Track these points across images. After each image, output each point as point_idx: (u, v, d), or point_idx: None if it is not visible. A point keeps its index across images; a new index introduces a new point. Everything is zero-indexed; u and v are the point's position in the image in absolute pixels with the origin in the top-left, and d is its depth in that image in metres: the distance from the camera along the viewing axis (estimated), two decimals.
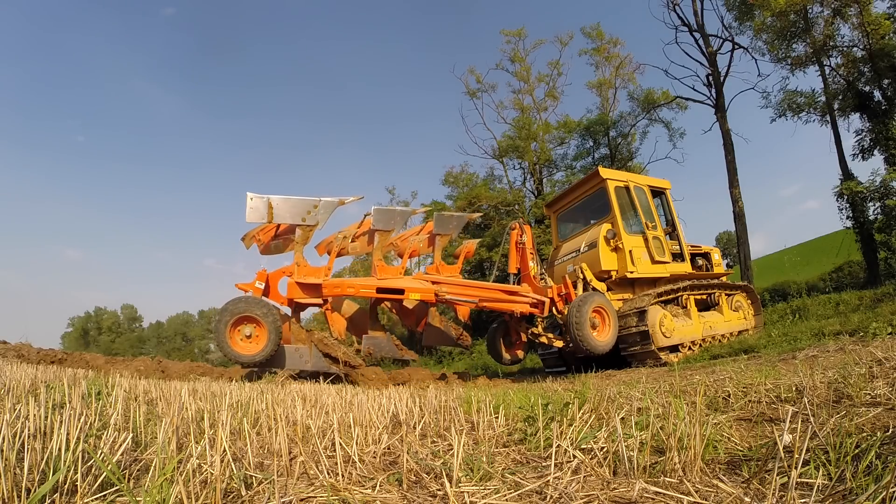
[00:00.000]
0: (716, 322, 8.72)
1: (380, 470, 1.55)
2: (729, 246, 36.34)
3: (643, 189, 9.00)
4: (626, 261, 8.20)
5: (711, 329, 8.52)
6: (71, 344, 57.36)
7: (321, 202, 6.16)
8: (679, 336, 7.99)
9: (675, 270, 8.80)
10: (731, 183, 17.99)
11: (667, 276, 8.60)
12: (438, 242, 7.62)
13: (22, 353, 7.17)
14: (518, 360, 8.88)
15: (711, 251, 9.92)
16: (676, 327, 8.01)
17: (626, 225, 8.52)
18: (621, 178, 8.90)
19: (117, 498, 1.20)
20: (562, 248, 9.39)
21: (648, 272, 8.43)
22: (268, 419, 2.19)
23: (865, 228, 15.40)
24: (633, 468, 1.41)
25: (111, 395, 2.77)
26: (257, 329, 5.78)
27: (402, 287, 6.74)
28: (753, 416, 2.11)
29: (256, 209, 5.94)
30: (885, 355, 2.98)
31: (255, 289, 6.21)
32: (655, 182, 9.51)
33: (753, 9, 16.82)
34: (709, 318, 8.65)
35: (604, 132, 24.47)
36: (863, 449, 1.36)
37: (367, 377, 6.87)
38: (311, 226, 6.27)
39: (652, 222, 8.74)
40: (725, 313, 8.93)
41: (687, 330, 8.15)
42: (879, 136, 15.46)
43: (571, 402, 2.34)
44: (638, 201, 8.78)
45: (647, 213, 8.81)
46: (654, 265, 8.52)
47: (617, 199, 8.55)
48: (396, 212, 7.17)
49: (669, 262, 8.68)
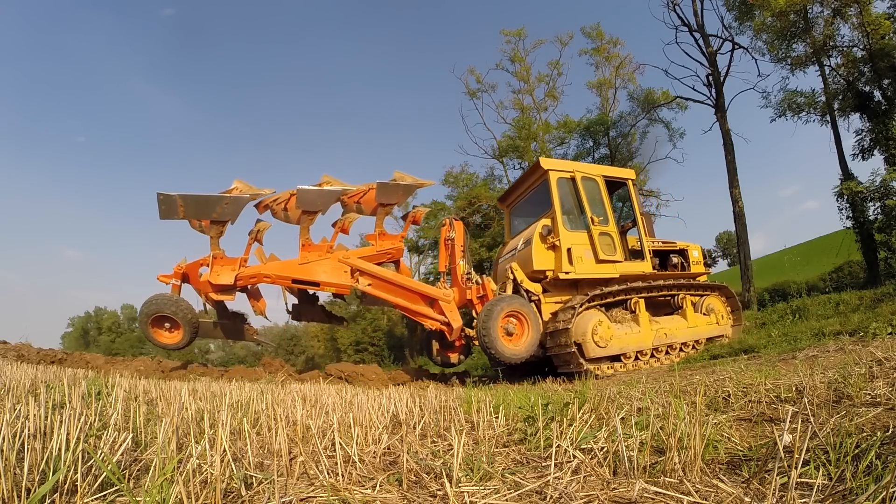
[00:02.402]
0: (674, 328, 7.74)
1: (380, 470, 1.55)
2: (729, 246, 36.35)
3: (595, 180, 8.06)
4: (562, 260, 7.32)
5: (668, 336, 7.55)
6: (71, 344, 57.28)
7: (231, 198, 6.30)
8: (619, 345, 7.13)
9: (630, 270, 7.81)
10: (731, 183, 17.99)
11: (616, 276, 7.62)
12: (380, 212, 7.30)
13: (22, 353, 7.16)
14: (451, 364, 8.22)
15: (689, 248, 8.88)
16: (616, 335, 7.16)
17: (567, 220, 7.67)
18: (566, 168, 8.03)
19: (117, 498, 1.20)
20: (507, 245, 8.76)
21: (591, 272, 7.49)
22: (268, 419, 2.19)
23: (865, 228, 15.40)
24: (633, 468, 1.41)
25: (111, 395, 2.77)
26: (173, 324, 6.36)
27: (317, 280, 6.78)
28: (753, 416, 2.11)
29: (167, 207, 6.04)
30: (885, 355, 2.98)
31: (173, 285, 6.56)
32: (614, 172, 8.54)
33: (753, 9, 16.83)
34: (665, 324, 7.70)
35: (604, 132, 24.49)
36: (863, 449, 1.36)
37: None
38: (223, 221, 6.43)
39: (601, 216, 7.80)
40: (689, 318, 7.93)
41: (631, 338, 7.28)
42: (879, 136, 15.46)
43: (571, 402, 2.34)
44: (585, 194, 7.82)
45: (597, 207, 7.88)
46: (600, 265, 7.56)
47: (559, 191, 7.73)
48: (323, 192, 6.89)
49: (622, 260, 7.73)
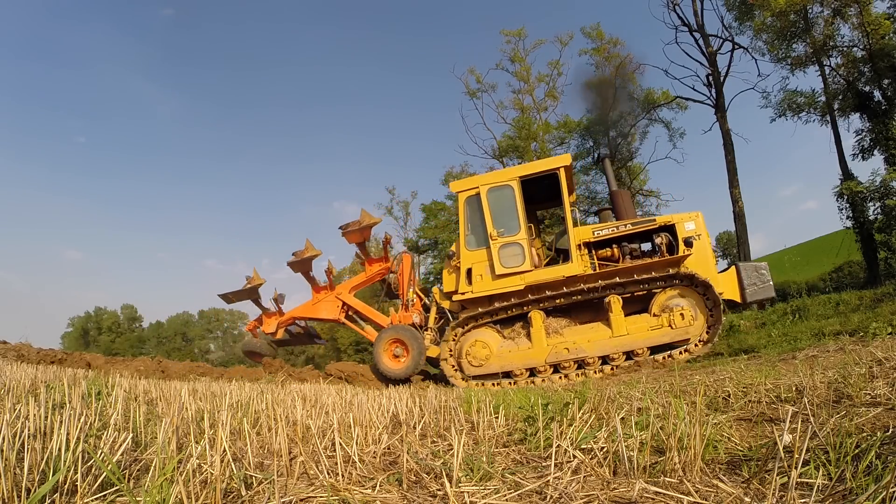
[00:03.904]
0: (586, 340, 6.68)
1: (380, 470, 1.55)
2: (729, 246, 36.38)
3: (506, 187, 7.37)
4: (461, 281, 7.38)
5: (571, 351, 6.63)
6: (71, 344, 57.24)
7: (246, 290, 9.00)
8: (499, 364, 6.87)
9: (543, 277, 7.01)
10: (731, 183, 18.01)
11: (520, 288, 6.98)
12: (358, 246, 8.90)
13: (22, 353, 7.16)
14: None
15: (679, 222, 7.05)
16: (497, 354, 6.93)
17: (472, 240, 7.52)
18: (472, 185, 7.67)
19: (117, 498, 1.20)
20: None
21: (488, 290, 7.18)
22: (268, 419, 2.19)
23: (865, 228, 15.41)
24: (633, 468, 1.41)
25: (111, 395, 2.77)
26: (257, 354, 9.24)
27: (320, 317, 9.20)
28: (753, 416, 2.11)
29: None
30: (885, 355, 2.98)
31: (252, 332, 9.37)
32: (537, 167, 7.51)
33: (753, 9, 16.84)
34: (574, 336, 6.75)
35: (604, 132, 24.45)
36: (863, 449, 1.36)
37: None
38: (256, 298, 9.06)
39: (507, 226, 7.27)
40: (615, 325, 6.62)
41: (516, 356, 6.88)
42: (879, 136, 15.47)
43: (571, 402, 2.34)
44: (489, 207, 7.37)
45: (504, 216, 7.35)
46: (497, 280, 7.15)
47: (466, 212, 7.58)
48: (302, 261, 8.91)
49: (531, 269, 7.06)
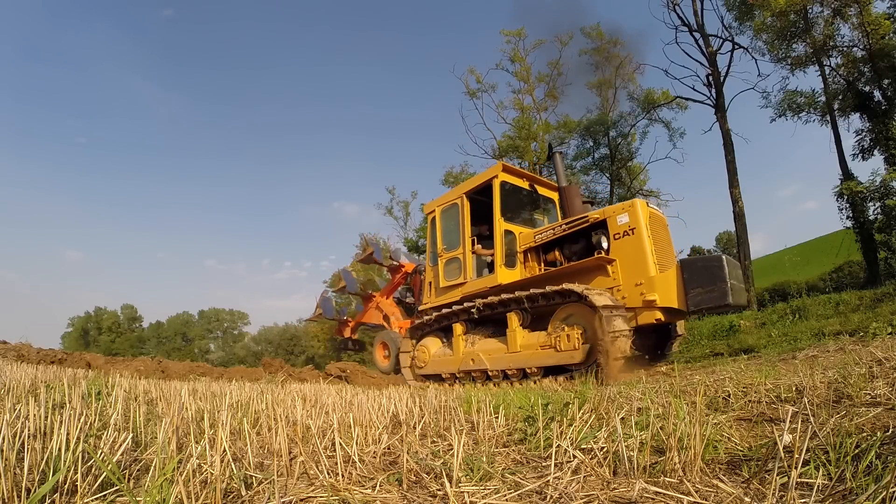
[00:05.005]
0: (486, 352, 6.58)
1: (380, 470, 1.54)
2: (729, 246, 36.38)
3: (454, 204, 7.56)
4: (425, 293, 7.99)
5: (475, 363, 6.66)
6: (71, 344, 57.25)
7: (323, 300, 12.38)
8: (434, 368, 7.37)
9: (476, 287, 7.03)
10: (731, 183, 17.97)
11: (457, 299, 7.21)
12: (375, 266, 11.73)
13: (22, 353, 7.17)
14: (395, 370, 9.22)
15: (611, 216, 5.95)
16: (433, 359, 7.45)
17: (432, 257, 7.93)
18: (432, 207, 8.01)
19: (117, 498, 1.20)
20: None
21: (435, 302, 7.65)
22: (268, 419, 2.19)
23: (865, 228, 15.40)
24: (633, 468, 1.41)
25: (111, 395, 2.77)
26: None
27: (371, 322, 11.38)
28: (753, 416, 2.10)
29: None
30: (885, 355, 2.98)
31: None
32: (476, 181, 7.47)
33: (753, 9, 16.82)
34: (480, 348, 6.74)
35: (604, 132, 24.44)
36: (863, 449, 1.36)
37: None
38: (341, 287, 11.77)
39: (451, 242, 7.58)
40: (510, 341, 6.31)
41: (443, 362, 7.30)
42: (879, 136, 15.46)
43: (571, 402, 2.34)
44: (441, 226, 7.78)
45: (449, 235, 7.62)
46: (441, 293, 7.55)
47: (431, 230, 8.02)
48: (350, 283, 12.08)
49: (467, 280, 7.20)
